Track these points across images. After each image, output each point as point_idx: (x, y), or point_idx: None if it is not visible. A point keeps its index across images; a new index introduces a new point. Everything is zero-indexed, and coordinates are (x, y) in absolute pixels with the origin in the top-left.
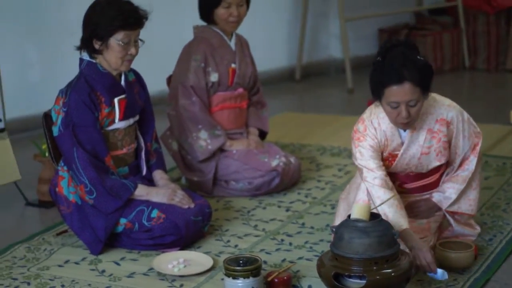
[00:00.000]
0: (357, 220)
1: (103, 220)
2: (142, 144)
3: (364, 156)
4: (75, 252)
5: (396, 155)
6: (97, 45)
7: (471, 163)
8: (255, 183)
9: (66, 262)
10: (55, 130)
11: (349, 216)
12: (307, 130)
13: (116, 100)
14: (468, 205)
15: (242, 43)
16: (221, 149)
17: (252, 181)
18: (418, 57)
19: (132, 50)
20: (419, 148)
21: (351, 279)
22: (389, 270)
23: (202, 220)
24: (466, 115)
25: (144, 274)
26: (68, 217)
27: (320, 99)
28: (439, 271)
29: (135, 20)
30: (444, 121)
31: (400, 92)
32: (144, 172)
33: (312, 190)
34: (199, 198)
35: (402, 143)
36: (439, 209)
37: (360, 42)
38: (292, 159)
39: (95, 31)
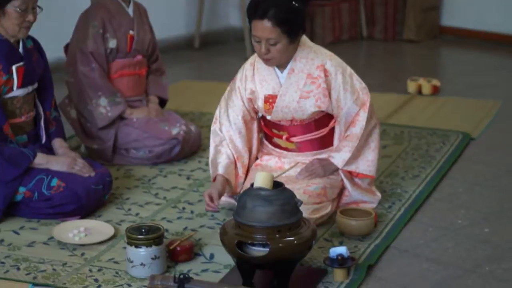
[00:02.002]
0: (260, 189)
1: (1, 189)
2: (41, 112)
3: (231, 95)
4: None
5: (276, 97)
6: None
7: (361, 118)
8: (155, 151)
9: None
10: None
11: (252, 184)
12: (206, 99)
13: (14, 67)
14: (366, 166)
15: (140, 11)
16: (121, 117)
17: (152, 149)
18: (294, 2)
19: (30, 17)
20: (298, 92)
21: (254, 247)
22: (292, 238)
23: (102, 188)
24: (349, 70)
25: (44, 243)
26: None
27: (219, 68)
28: (344, 248)
29: None
30: (322, 68)
31: (260, 27)
32: (44, 140)
33: None
34: (100, 167)
35: (281, 85)
36: (336, 169)
37: None
38: (193, 128)
39: None
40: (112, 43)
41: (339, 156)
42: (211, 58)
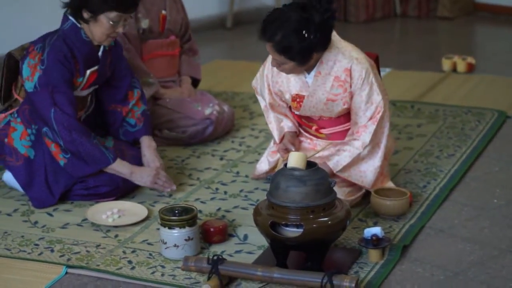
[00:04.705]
0: (293, 169)
1: (65, 178)
2: (106, 108)
3: (263, 81)
4: (6, 204)
5: (303, 97)
6: (86, 15)
7: (368, 132)
8: (188, 131)
9: None
10: (30, 86)
11: (285, 164)
12: (240, 78)
13: (88, 71)
14: (358, 176)
15: None
16: (154, 98)
17: (185, 129)
18: (305, 32)
19: (120, 29)
20: (325, 94)
21: (287, 228)
22: (326, 219)
23: None
24: (371, 77)
25: (78, 225)
26: (16, 169)
27: (252, 47)
28: (378, 228)
29: (131, 3)
30: (349, 72)
31: (268, 47)
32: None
33: (246, 138)
34: (134, 149)
35: (308, 85)
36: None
37: None
38: (226, 108)
39: (86, 2)
40: (145, 23)
41: (336, 161)
42: (243, 38)
